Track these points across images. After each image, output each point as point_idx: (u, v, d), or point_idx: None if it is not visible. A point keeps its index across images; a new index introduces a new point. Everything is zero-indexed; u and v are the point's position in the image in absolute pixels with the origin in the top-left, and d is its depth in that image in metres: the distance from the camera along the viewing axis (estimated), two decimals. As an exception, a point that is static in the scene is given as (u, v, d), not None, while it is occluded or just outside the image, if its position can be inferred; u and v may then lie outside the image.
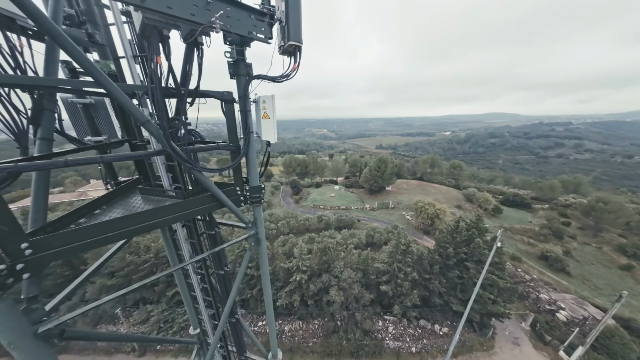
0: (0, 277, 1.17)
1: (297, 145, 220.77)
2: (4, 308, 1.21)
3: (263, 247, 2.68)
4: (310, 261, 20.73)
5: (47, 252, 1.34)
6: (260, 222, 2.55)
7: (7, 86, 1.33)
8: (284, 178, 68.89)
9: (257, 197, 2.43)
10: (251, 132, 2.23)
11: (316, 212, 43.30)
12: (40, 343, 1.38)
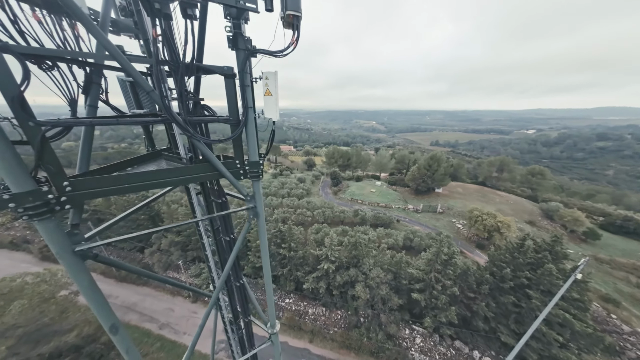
0: (50, 204, 1.64)
1: (342, 137, 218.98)
2: (53, 227, 1.70)
3: (261, 221, 2.87)
4: (339, 253, 20.90)
5: (82, 191, 1.78)
6: (258, 197, 2.71)
7: (65, 61, 1.77)
8: (325, 169, 70.01)
9: (256, 172, 2.58)
10: (249, 107, 2.35)
11: (353, 206, 42.74)
12: (77, 259, 1.88)
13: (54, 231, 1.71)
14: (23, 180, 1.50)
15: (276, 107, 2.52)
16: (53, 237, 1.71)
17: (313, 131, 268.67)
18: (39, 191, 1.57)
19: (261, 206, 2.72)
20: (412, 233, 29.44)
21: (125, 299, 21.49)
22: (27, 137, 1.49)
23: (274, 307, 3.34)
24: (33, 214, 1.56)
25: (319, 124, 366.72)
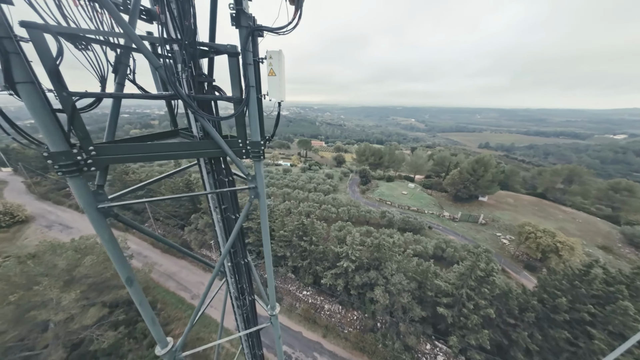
0: (79, 164, 1.96)
1: (376, 134, 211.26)
2: (81, 184, 2.03)
3: (262, 202, 2.95)
4: (360, 253, 20.50)
5: (105, 155, 2.09)
6: (260, 178, 2.79)
7: (97, 42, 2.06)
8: (354, 166, 68.80)
9: (257, 152, 2.65)
10: (251, 85, 2.40)
11: (381, 207, 41.20)
12: (100, 215, 2.23)
13: (82, 188, 2.04)
14: (58, 141, 1.82)
15: (280, 88, 2.53)
16: (80, 193, 2.05)
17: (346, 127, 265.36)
18: (70, 152, 1.89)
19: (262, 187, 2.81)
20: (444, 242, 27.08)
21: (167, 268, 24.86)
22: (62, 105, 1.81)
23: (274, 290, 3.45)
24: (65, 171, 1.89)
25: (353, 120, 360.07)
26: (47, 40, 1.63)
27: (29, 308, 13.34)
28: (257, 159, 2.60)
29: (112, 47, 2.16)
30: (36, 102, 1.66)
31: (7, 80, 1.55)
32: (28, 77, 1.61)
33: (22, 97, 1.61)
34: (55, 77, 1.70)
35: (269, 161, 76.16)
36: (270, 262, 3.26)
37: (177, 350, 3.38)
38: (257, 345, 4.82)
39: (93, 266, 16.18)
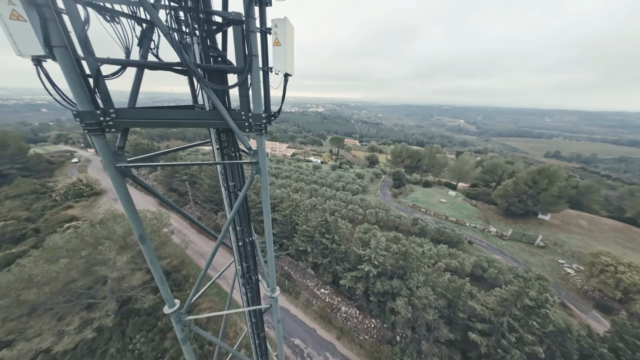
0: (102, 124, 2.25)
1: (416, 135, 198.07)
2: (103, 143, 2.35)
3: (264, 178, 2.97)
4: (384, 259, 19.60)
5: (123, 118, 2.36)
6: (261, 153, 2.81)
7: (125, 16, 2.32)
8: (388, 167, 65.89)
9: (259, 125, 2.67)
10: (254, 54, 2.40)
11: (413, 214, 38.64)
12: (118, 174, 2.54)
13: (103, 147, 2.36)
14: (85, 102, 2.13)
15: (286, 59, 2.50)
16: (102, 151, 2.36)
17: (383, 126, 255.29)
18: (94, 113, 2.19)
19: (264, 162, 2.84)
20: (486, 261, 24.00)
21: (200, 247, 27.71)
22: (89, 69, 2.11)
23: (274, 272, 3.50)
24: (90, 129, 2.21)
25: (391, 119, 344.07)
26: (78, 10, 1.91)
27: (94, 263, 16.40)
28: (259, 133, 2.64)
29: (138, 21, 2.42)
30: (68, 65, 1.97)
31: (46, 43, 1.88)
32: (62, 42, 1.92)
33: (58, 59, 1.93)
34: (84, 44, 1.99)
35: (300, 157, 78.22)
36: (271, 243, 3.30)
37: (182, 312, 3.70)
38: (260, 325, 5.01)
39: (142, 236, 19.01)
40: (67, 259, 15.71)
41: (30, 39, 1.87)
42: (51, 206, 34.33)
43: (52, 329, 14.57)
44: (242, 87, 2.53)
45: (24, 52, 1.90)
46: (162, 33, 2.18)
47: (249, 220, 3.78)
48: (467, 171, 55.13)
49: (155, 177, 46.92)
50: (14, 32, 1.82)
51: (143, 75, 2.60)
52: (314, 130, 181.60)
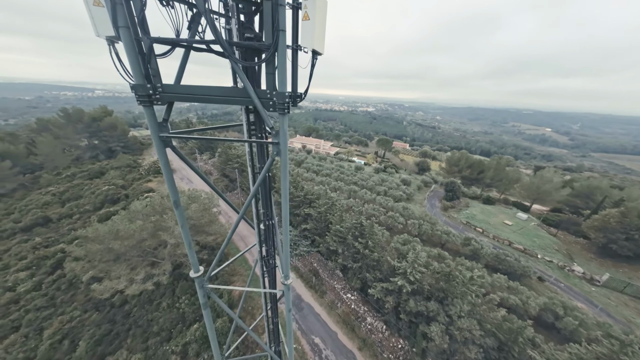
0: (150, 97, 2.62)
1: (482, 143, 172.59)
2: (151, 114, 2.74)
3: (284, 160, 2.95)
4: (422, 276, 17.85)
5: (168, 93, 2.70)
6: (283, 134, 2.80)
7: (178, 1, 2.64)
8: (441, 176, 59.54)
9: (282, 104, 2.65)
10: (281, 29, 2.37)
11: (466, 232, 34.02)
12: (161, 143, 2.93)
13: (151, 118, 2.76)
14: (138, 76, 2.53)
15: (315, 35, 2.41)
16: (150, 121, 2.77)
17: (440, 130, 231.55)
18: (144, 86, 2.58)
19: (285, 144, 2.84)
20: (563, 307, 19.25)
21: (240, 230, 30.63)
22: (144, 47, 2.48)
23: (288, 259, 3.53)
24: (141, 100, 2.61)
25: (451, 123, 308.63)
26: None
27: (159, 229, 19.94)
28: (282, 112, 2.65)
29: (189, 6, 2.73)
30: (129, 43, 2.36)
31: (114, 24, 2.29)
32: (125, 23, 2.31)
33: (122, 38, 2.34)
34: (142, 24, 2.35)
35: (343, 156, 77.89)
36: (287, 230, 3.32)
37: (205, 280, 4.10)
38: (274, 311, 5.19)
39: (196, 212, 22.14)
40: (141, 221, 19.54)
41: (105, 22, 2.32)
42: (138, 178, 43.33)
43: (126, 275, 18.43)
44: (269, 65, 2.60)
45: (101, 33, 2.38)
46: (200, 10, 2.40)
47: (270, 203, 3.93)
48: (547, 191, 45.09)
49: (213, 163, 53.99)
50: (95, 17, 2.30)
51: (189, 56, 2.93)
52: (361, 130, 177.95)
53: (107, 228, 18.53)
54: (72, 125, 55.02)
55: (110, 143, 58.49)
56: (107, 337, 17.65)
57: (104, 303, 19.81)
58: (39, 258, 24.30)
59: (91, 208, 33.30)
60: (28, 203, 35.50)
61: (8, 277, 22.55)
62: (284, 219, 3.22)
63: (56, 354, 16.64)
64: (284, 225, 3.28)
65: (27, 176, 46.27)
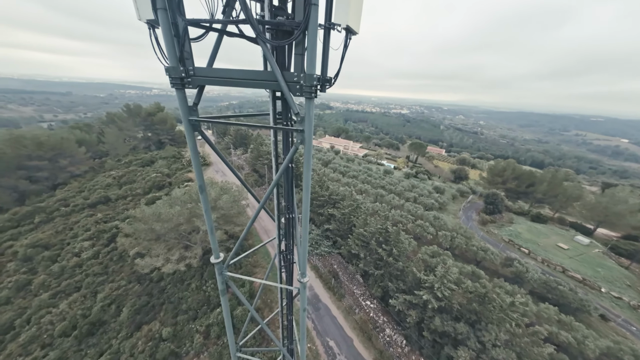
0: (182, 80, 2.67)
1: (534, 152, 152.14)
2: (182, 97, 2.80)
3: (307, 149, 2.73)
4: (452, 294, 16.29)
5: (199, 76, 2.72)
6: (308, 120, 2.58)
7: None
8: (481, 187, 54.08)
9: (309, 87, 2.43)
10: (313, 4, 2.13)
11: (507, 252, 30.32)
12: (190, 126, 2.98)
13: (182, 100, 2.82)
14: (173, 59, 2.60)
15: (350, 10, 2.15)
16: (181, 104, 2.84)
17: (483, 136, 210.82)
18: (177, 68, 2.63)
19: (310, 132, 2.64)
20: (633, 354, 15.76)
21: (266, 224, 31.73)
22: (180, 29, 2.52)
23: (306, 256, 3.34)
24: (173, 83, 2.68)
25: (497, 129, 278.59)
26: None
27: (193, 215, 21.66)
28: (308, 96, 2.46)
29: (225, -10, 2.72)
30: (165, 25, 2.42)
31: (153, 6, 2.37)
32: (163, 4, 2.37)
33: (159, 18, 2.41)
34: (177, 5, 2.39)
35: (372, 158, 75.76)
36: (307, 225, 3.14)
37: (225, 267, 4.15)
38: (290, 308, 5.07)
39: (226, 203, 23.55)
40: (179, 207, 21.43)
41: (146, 5, 2.41)
42: (180, 168, 47.90)
43: (163, 254, 20.39)
44: (299, 46, 2.44)
45: (142, 17, 2.49)
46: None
47: (292, 196, 3.80)
48: (619, 214, 37.64)
49: (245, 158, 57.08)
50: (138, 1, 2.41)
51: (222, 41, 2.93)
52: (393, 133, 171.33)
53: (152, 210, 20.73)
54: (132, 119, 63.31)
55: (160, 135, 65.81)
56: (145, 307, 19.73)
57: (144, 277, 22.22)
58: (99, 231, 28.37)
59: (141, 192, 37.77)
60: (95, 184, 41.83)
61: (76, 244, 26.78)
62: (304, 213, 3.05)
63: (105, 315, 19.15)
64: (304, 219, 3.11)
65: (96, 161, 54.54)
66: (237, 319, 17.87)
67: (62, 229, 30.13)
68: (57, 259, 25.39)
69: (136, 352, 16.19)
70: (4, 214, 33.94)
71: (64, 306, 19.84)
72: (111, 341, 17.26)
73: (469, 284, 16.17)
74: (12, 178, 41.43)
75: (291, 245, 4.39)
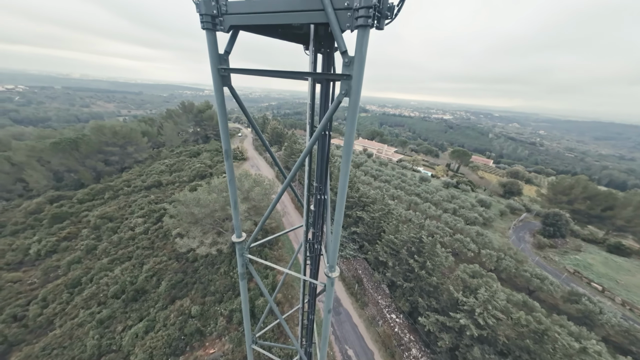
0: (213, 19, 2.29)
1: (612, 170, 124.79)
2: (212, 40, 2.44)
3: (354, 102, 2.01)
4: (498, 324, 13.86)
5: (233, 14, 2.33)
6: (359, 62, 1.91)
7: None
8: (538, 205, 46.45)
9: (366, 16, 1.77)
10: None
11: (572, 285, 25.22)
12: (218, 77, 2.63)
13: (212, 46, 2.49)
14: None
15: None
16: (211, 50, 2.50)
17: (543, 148, 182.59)
18: (209, 3, 2.26)
19: (360, 79, 1.98)
20: None
21: (293, 220, 31.98)
22: None
23: (337, 247, 2.72)
24: (204, 22, 2.34)
25: (563, 140, 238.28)
26: None
27: (227, 203, 22.78)
28: (362, 28, 1.81)
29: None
30: None
31: None
32: None
33: None
34: None
35: (407, 164, 71.34)
36: (342, 207, 2.51)
37: (245, 247, 3.78)
38: (311, 306, 4.50)
39: (258, 195, 24.28)
40: (216, 195, 22.78)
41: None
42: (221, 161, 51.70)
43: (199, 237, 21.85)
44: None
45: None
46: None
47: (326, 174, 3.20)
48: None
49: (279, 155, 59.00)
50: None
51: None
52: (432, 139, 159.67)
53: (193, 196, 22.42)
54: (185, 115, 70.89)
55: (207, 130, 72.34)
56: (180, 284, 21.36)
57: (182, 256, 24.16)
58: (150, 210, 32.02)
59: (187, 179, 41.70)
60: (151, 169, 47.69)
61: (132, 220, 30.67)
62: (339, 193, 2.43)
63: (147, 285, 21.28)
64: (339, 200, 2.48)
65: (155, 150, 62.38)
66: (258, 308, 18.07)
67: (124, 205, 34.88)
68: (117, 230, 29.38)
69: (168, 323, 17.49)
70: (85, 189, 40.90)
71: (118, 272, 22.67)
72: (149, 309, 19.01)
73: (521, 316, 13.53)
74: (93, 160, 49.82)
75: (319, 234, 3.81)
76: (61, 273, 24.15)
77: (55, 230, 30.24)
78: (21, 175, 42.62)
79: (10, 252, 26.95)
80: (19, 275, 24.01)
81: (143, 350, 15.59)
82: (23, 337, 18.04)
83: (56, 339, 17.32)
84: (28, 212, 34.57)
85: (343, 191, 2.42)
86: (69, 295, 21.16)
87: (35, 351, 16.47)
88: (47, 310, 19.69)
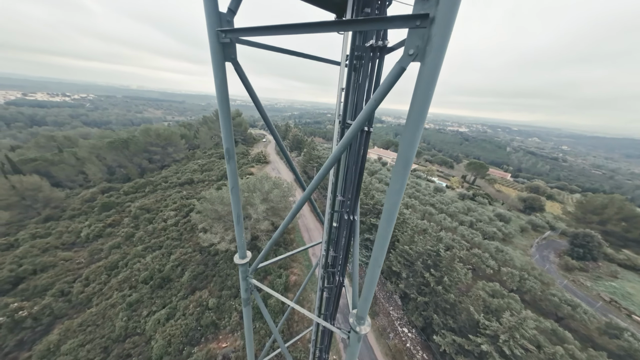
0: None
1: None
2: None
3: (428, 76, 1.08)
4: (527, 356, 11.61)
5: None
6: None
7: None
8: (563, 223, 41.03)
9: None
10: None
11: (608, 315, 21.33)
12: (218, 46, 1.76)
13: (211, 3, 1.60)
14: None
15: None
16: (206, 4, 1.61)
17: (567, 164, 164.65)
18: None
19: (449, 27, 1.01)
20: None
21: (307, 223, 31.04)
22: None
23: (372, 294, 1.72)
24: None
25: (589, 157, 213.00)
26: None
27: (248, 203, 22.49)
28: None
29: None
30: None
31: None
32: None
33: None
34: None
35: (421, 174, 67.58)
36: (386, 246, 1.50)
37: (250, 271, 2.88)
38: (326, 344, 3.45)
39: (276, 197, 23.77)
40: (238, 194, 22.61)
41: None
42: (245, 163, 52.70)
43: (221, 233, 21.72)
44: None
45: None
46: None
47: (357, 187, 2.14)
48: None
49: (298, 161, 58.86)
50: None
51: None
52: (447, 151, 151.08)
53: (218, 194, 22.47)
54: (218, 121, 73.99)
55: (235, 135, 74.68)
56: (200, 275, 21.26)
57: (204, 249, 24.23)
58: (181, 205, 33.00)
59: (215, 179, 42.81)
60: (186, 168, 49.81)
61: (165, 212, 31.76)
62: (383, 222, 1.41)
63: (172, 274, 21.46)
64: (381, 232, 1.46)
65: (190, 151, 65.52)
66: (270, 307, 17.22)
67: (160, 199, 36.43)
68: (152, 221, 30.52)
69: (187, 313, 17.24)
70: (130, 183, 43.63)
71: (149, 259, 23.21)
72: (172, 297, 19.00)
73: (557, 351, 11.18)
74: (139, 158, 53.35)
75: (342, 262, 2.73)
76: (103, 256, 25.35)
77: (103, 217, 32.21)
78: (83, 168, 46.75)
79: (67, 234, 29.04)
80: (70, 255, 25.61)
81: (163, 336, 15.39)
82: (66, 311, 18.85)
83: (92, 316, 17.83)
84: (84, 200, 37.45)
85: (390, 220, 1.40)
86: (107, 276, 21.98)
87: (73, 326, 17.02)
88: (88, 289, 20.53)
